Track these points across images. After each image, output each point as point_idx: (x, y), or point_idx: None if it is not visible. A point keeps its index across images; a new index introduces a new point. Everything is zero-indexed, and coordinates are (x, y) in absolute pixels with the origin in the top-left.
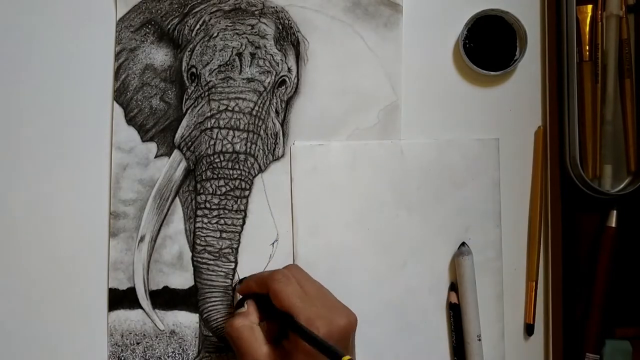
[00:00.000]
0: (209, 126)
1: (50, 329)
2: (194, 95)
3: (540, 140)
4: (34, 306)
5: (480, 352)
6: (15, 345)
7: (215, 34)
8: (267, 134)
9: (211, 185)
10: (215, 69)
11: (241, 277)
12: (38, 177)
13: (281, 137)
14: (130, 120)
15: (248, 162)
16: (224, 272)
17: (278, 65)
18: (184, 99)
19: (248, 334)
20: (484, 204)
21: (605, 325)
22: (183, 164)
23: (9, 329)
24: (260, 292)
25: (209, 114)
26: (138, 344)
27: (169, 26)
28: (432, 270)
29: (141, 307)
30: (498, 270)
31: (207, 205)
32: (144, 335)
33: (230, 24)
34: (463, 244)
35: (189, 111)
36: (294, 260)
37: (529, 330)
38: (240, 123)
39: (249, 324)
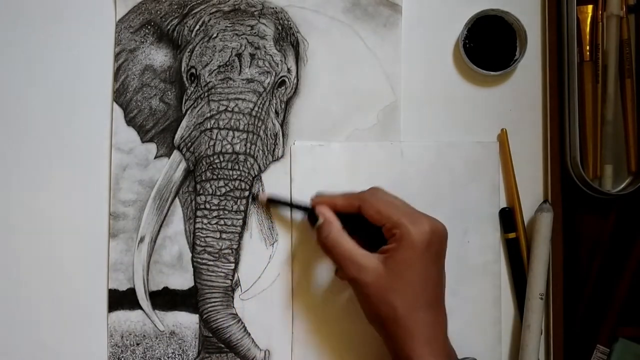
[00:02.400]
0: (208, 127)
1: (50, 330)
2: (193, 96)
3: (505, 143)
4: (33, 307)
5: (540, 310)
6: (15, 347)
7: (214, 35)
8: (266, 135)
9: (211, 186)
10: (214, 70)
11: (235, 276)
12: (38, 178)
13: (281, 138)
14: (129, 121)
15: (248, 162)
16: (223, 272)
17: (277, 66)
18: (184, 100)
19: (341, 240)
20: (483, 206)
21: (621, 321)
22: (183, 165)
23: (10, 330)
24: (344, 210)
25: (209, 114)
26: (138, 344)
27: (169, 27)
28: None
29: (141, 308)
30: (496, 274)
31: (207, 206)
32: (144, 336)
33: (230, 25)
34: (545, 201)
35: (188, 112)
36: (292, 262)
37: None
38: (239, 124)
39: (337, 229)
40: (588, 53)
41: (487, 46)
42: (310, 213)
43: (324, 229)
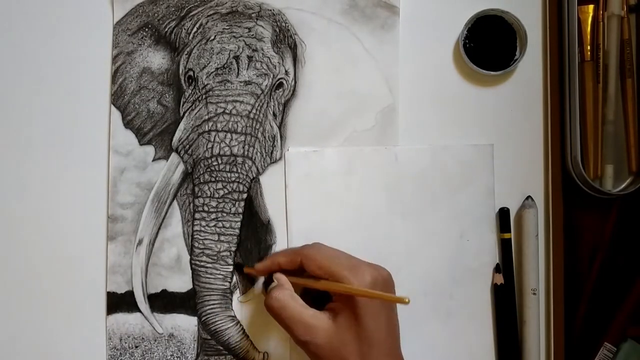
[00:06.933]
0: (206, 129)
1: (49, 333)
2: (191, 99)
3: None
4: (32, 310)
5: (535, 305)
6: (14, 349)
7: (212, 37)
8: (264, 137)
9: (209, 188)
10: (212, 72)
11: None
12: (36, 180)
13: (279, 140)
14: (127, 124)
15: (246, 165)
16: (222, 275)
17: (275, 68)
18: (182, 102)
19: (290, 301)
20: (478, 209)
21: (632, 321)
22: (181, 167)
23: (8, 333)
24: (288, 267)
25: (207, 117)
26: (136, 347)
27: (166, 29)
28: (427, 276)
29: (139, 311)
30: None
31: (205, 208)
32: (143, 338)
33: (227, 27)
34: (528, 197)
35: (186, 114)
36: None
37: None
38: (237, 126)
39: (288, 292)
40: (589, 53)
41: (487, 46)
42: (267, 279)
43: (273, 292)
